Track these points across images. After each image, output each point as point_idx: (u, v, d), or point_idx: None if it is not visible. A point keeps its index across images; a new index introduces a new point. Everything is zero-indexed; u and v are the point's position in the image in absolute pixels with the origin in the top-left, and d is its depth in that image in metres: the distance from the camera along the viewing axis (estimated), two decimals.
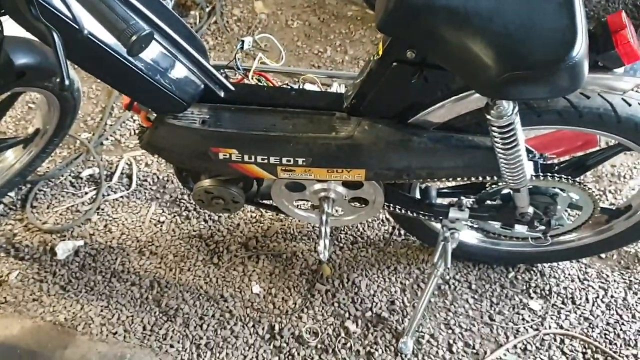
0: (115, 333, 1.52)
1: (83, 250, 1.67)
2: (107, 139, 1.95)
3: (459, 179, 1.31)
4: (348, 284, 1.63)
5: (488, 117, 1.08)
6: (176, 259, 1.67)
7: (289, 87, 1.31)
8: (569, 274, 1.68)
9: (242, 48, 1.34)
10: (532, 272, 1.69)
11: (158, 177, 1.86)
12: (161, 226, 1.74)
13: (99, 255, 1.66)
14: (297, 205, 1.47)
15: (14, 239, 1.69)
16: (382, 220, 1.78)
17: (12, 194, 1.77)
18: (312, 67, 2.16)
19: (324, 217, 1.35)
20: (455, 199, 1.44)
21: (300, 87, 1.33)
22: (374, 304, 1.60)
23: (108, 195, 1.80)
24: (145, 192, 1.82)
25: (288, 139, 1.22)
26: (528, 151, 1.31)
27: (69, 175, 1.84)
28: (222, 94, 1.25)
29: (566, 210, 1.44)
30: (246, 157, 1.24)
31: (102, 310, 1.56)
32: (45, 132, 1.65)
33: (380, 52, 1.13)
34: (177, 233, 1.73)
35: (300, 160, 1.24)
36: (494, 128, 1.11)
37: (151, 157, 1.90)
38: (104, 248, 1.68)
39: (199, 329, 1.53)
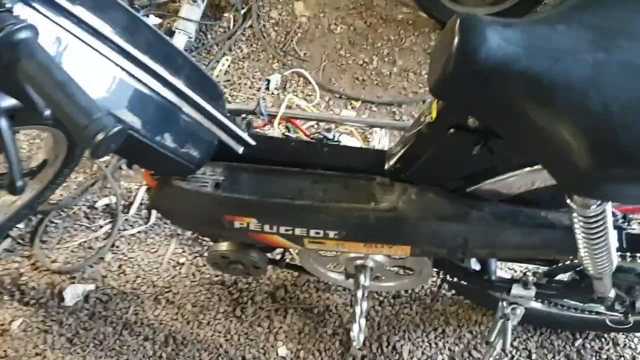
0: None
1: (94, 296, 1.51)
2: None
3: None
4: (388, 349, 1.42)
5: (570, 203, 0.84)
6: (195, 310, 1.49)
7: (321, 139, 1.09)
8: None
9: (267, 88, 1.13)
10: (603, 340, 1.44)
11: None
12: (180, 269, 1.56)
13: (111, 302, 1.50)
14: (330, 268, 1.26)
15: (20, 279, 1.54)
16: None
17: (21, 225, 1.62)
18: (356, 80, 1.92)
19: (359, 293, 1.13)
20: (519, 273, 1.20)
21: (335, 137, 1.10)
22: None
23: (124, 230, 1.63)
24: (164, 227, 1.63)
25: (317, 209, 1.00)
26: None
27: (84, 204, 1.67)
28: (240, 150, 1.04)
29: None
30: (267, 228, 1.03)
31: None
32: (54, 163, 1.48)
33: (434, 115, 0.89)
34: (198, 278, 1.54)
35: (331, 233, 1.02)
36: (576, 215, 0.86)
37: None
38: (116, 294, 1.52)
39: None
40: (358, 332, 1.11)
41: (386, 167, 1.01)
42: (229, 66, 1.98)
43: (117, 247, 1.60)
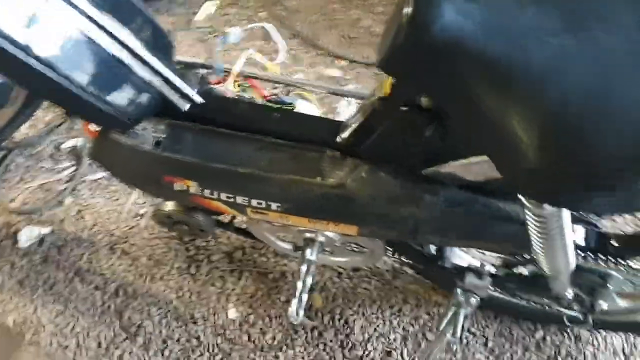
0: (66, 347, 1.33)
1: (49, 240, 1.47)
2: None
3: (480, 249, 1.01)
4: (339, 323, 1.38)
5: (521, 198, 0.77)
6: (149, 263, 1.45)
7: (278, 103, 1.02)
8: (612, 345, 1.38)
9: (224, 41, 1.04)
10: (565, 334, 1.40)
11: None
12: (139, 220, 1.52)
13: (66, 248, 1.47)
14: (280, 237, 1.21)
15: None
16: None
17: None
18: (344, 38, 1.82)
19: (303, 267, 1.08)
20: (474, 263, 1.15)
21: (292, 102, 1.03)
22: (367, 352, 1.35)
23: (87, 174, 1.58)
24: None
25: (260, 179, 0.94)
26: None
27: (49, 145, 1.63)
28: (185, 107, 0.97)
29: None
30: (207, 193, 0.97)
31: (56, 317, 1.37)
32: (14, 102, 1.42)
33: (387, 90, 0.81)
34: (156, 231, 1.50)
35: (274, 205, 0.96)
36: (528, 212, 0.80)
37: None
38: (72, 239, 1.48)
39: (159, 355, 1.33)
40: (297, 307, 1.06)
41: (338, 139, 0.94)
42: (215, 10, 1.88)
43: (79, 191, 1.55)
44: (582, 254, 1.00)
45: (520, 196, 0.77)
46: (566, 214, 0.80)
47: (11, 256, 1.45)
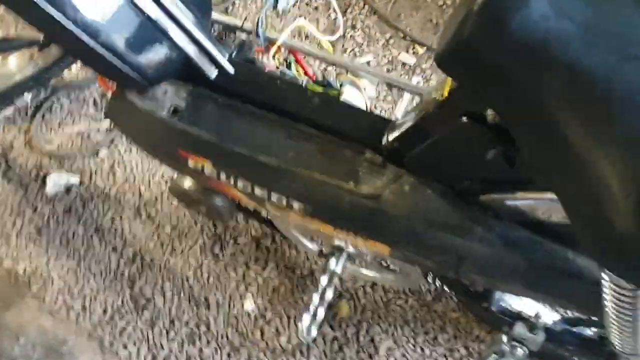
0: (71, 307, 1.26)
1: (76, 190, 1.39)
2: None
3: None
4: (364, 339, 1.23)
5: (602, 271, 0.58)
6: (173, 234, 1.34)
7: (324, 85, 0.86)
8: None
9: (275, 6, 0.89)
10: None
11: None
12: None
13: (91, 202, 1.38)
14: (306, 234, 1.06)
15: (11, 152, 1.44)
16: None
17: (28, 96, 1.51)
18: (429, 23, 1.61)
19: (324, 278, 0.93)
20: (529, 311, 0.96)
21: (338, 85, 0.86)
22: None
23: None
24: None
25: (283, 172, 0.79)
26: None
27: (97, 90, 1.54)
28: (213, 75, 0.83)
29: None
30: (223, 177, 0.84)
31: (67, 272, 1.29)
32: None
33: (445, 93, 0.64)
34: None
35: (296, 204, 0.81)
36: (607, 282, 0.61)
37: None
38: (100, 194, 1.39)
39: (164, 335, 1.23)
40: (309, 323, 0.92)
41: (383, 141, 0.78)
42: None
43: (116, 145, 1.46)
44: None
45: (597, 265, 0.58)
46: None
47: (36, 200, 1.38)
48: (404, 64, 1.52)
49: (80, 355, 1.19)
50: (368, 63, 1.47)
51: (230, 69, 0.83)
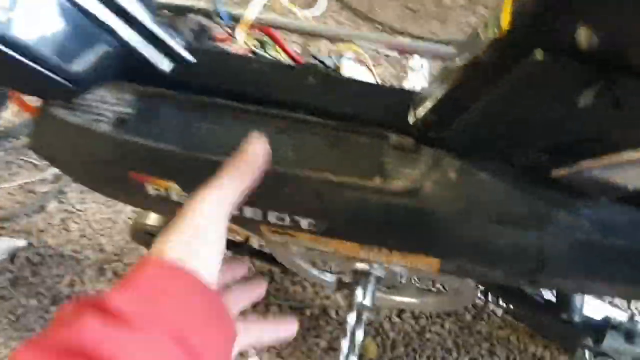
0: None
1: (23, 255, 1.15)
2: None
3: None
4: None
5: None
6: None
7: (311, 67, 0.65)
8: None
9: None
10: None
11: None
12: None
13: (43, 266, 1.13)
14: (316, 263, 0.84)
15: None
16: None
17: None
18: (406, 10, 1.43)
19: (351, 317, 0.70)
20: (617, 316, 0.74)
21: (334, 64, 0.65)
22: None
23: None
24: None
25: (280, 180, 0.56)
26: None
27: None
28: (166, 68, 0.61)
29: None
30: None
31: None
32: None
33: (506, 25, 0.43)
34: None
35: (303, 222, 0.59)
36: None
37: None
38: (52, 255, 1.15)
39: None
40: None
41: (411, 119, 0.56)
42: None
43: (66, 194, 1.22)
44: None
45: None
46: None
47: None
48: (387, 56, 1.33)
49: None
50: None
51: (190, 58, 0.61)
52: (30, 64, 0.54)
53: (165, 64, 0.62)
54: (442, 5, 1.49)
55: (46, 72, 0.56)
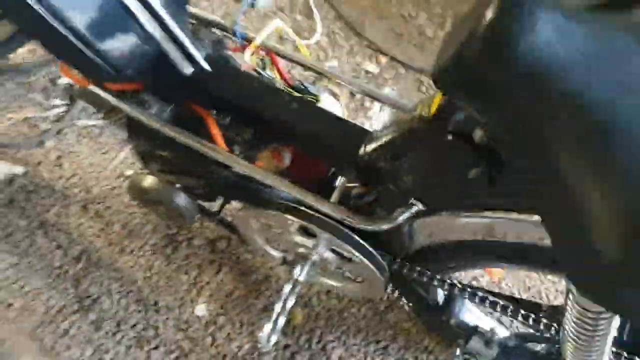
0: (10, 305, 1.18)
1: (19, 181, 1.32)
2: None
3: None
4: (317, 346, 1.22)
5: (570, 286, 0.60)
6: (122, 232, 1.29)
7: (302, 90, 0.84)
8: None
9: (252, 5, 0.87)
10: None
11: None
12: (123, 181, 1.35)
13: (35, 194, 1.31)
14: (270, 243, 1.04)
15: None
16: None
17: None
18: (391, 32, 1.63)
19: (286, 287, 0.91)
20: (484, 325, 0.97)
21: (319, 95, 0.85)
22: None
23: (79, 118, 1.42)
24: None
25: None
26: None
27: (45, 76, 1.46)
28: (187, 72, 0.80)
29: None
30: None
31: (7, 269, 1.22)
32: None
33: (433, 110, 0.64)
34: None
35: None
36: (574, 306, 0.63)
37: None
38: (45, 186, 1.32)
39: (110, 337, 1.18)
40: (269, 332, 0.90)
41: (360, 152, 0.77)
42: None
43: (65, 135, 1.39)
44: (615, 350, 0.83)
45: (569, 283, 0.60)
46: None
47: None
48: (367, 72, 1.53)
49: (21, 356, 1.12)
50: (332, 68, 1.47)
51: (206, 67, 0.80)
52: (88, 50, 0.73)
53: (186, 68, 0.81)
54: (424, 34, 1.69)
55: (93, 55, 0.74)
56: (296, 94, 0.83)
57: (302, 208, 0.84)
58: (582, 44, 0.48)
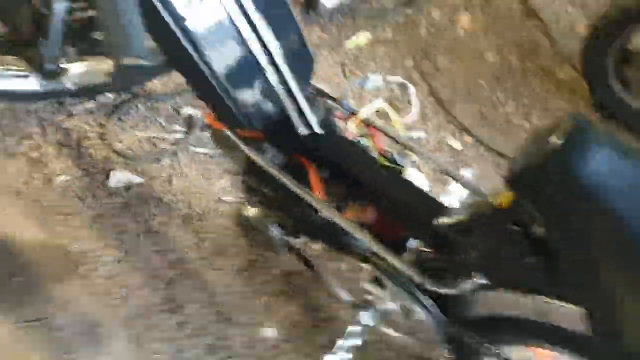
0: (111, 295, 1.38)
1: (136, 190, 1.53)
2: None
3: None
4: None
5: None
6: (213, 249, 1.47)
7: (392, 160, 1.00)
8: None
9: (362, 85, 1.04)
10: None
11: None
12: (219, 205, 1.54)
13: (146, 204, 1.52)
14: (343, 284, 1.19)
15: (85, 142, 1.59)
16: None
17: (111, 96, 1.67)
18: (478, 115, 1.78)
19: (351, 328, 1.05)
20: None
21: (406, 167, 1.00)
22: None
23: (193, 145, 1.63)
24: (228, 161, 1.63)
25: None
26: None
27: (172, 105, 1.70)
28: (303, 132, 0.98)
29: None
30: None
31: (114, 262, 1.42)
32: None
33: (504, 204, 0.78)
34: (230, 222, 1.52)
35: None
36: None
37: None
38: (155, 197, 1.53)
39: (187, 341, 1.35)
40: None
41: (436, 222, 0.91)
42: (365, 43, 1.90)
43: (178, 157, 1.61)
44: None
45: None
46: None
47: (98, 190, 1.52)
48: (451, 147, 1.68)
49: (113, 340, 1.30)
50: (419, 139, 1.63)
51: (319, 130, 0.97)
52: (229, 101, 0.92)
53: (303, 129, 0.99)
54: (510, 122, 1.83)
55: (236, 112, 0.93)
56: (387, 163, 0.98)
57: (378, 261, 0.98)
58: (628, 177, 0.62)
